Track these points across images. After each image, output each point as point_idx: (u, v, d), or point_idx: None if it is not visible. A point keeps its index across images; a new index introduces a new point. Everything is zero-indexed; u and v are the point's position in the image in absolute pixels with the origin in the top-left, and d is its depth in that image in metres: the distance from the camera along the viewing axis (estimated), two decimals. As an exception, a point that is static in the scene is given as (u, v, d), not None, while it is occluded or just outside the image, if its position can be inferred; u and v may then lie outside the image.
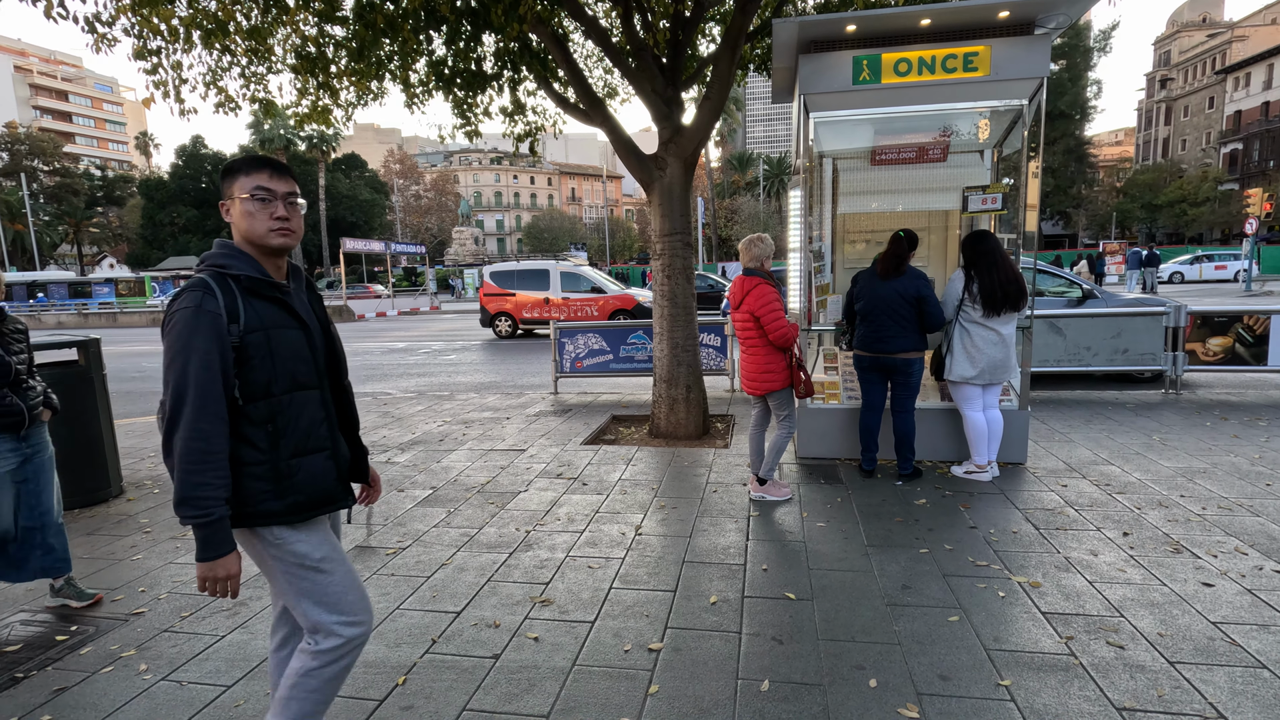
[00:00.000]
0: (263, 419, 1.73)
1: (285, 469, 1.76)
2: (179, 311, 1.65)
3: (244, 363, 1.71)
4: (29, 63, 79.13)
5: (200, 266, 1.77)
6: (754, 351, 4.22)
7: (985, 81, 4.47)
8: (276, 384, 1.75)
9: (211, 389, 1.64)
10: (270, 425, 1.74)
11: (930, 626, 2.78)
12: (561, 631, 2.86)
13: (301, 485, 1.78)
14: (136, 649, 2.84)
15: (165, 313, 1.69)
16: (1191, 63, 65.18)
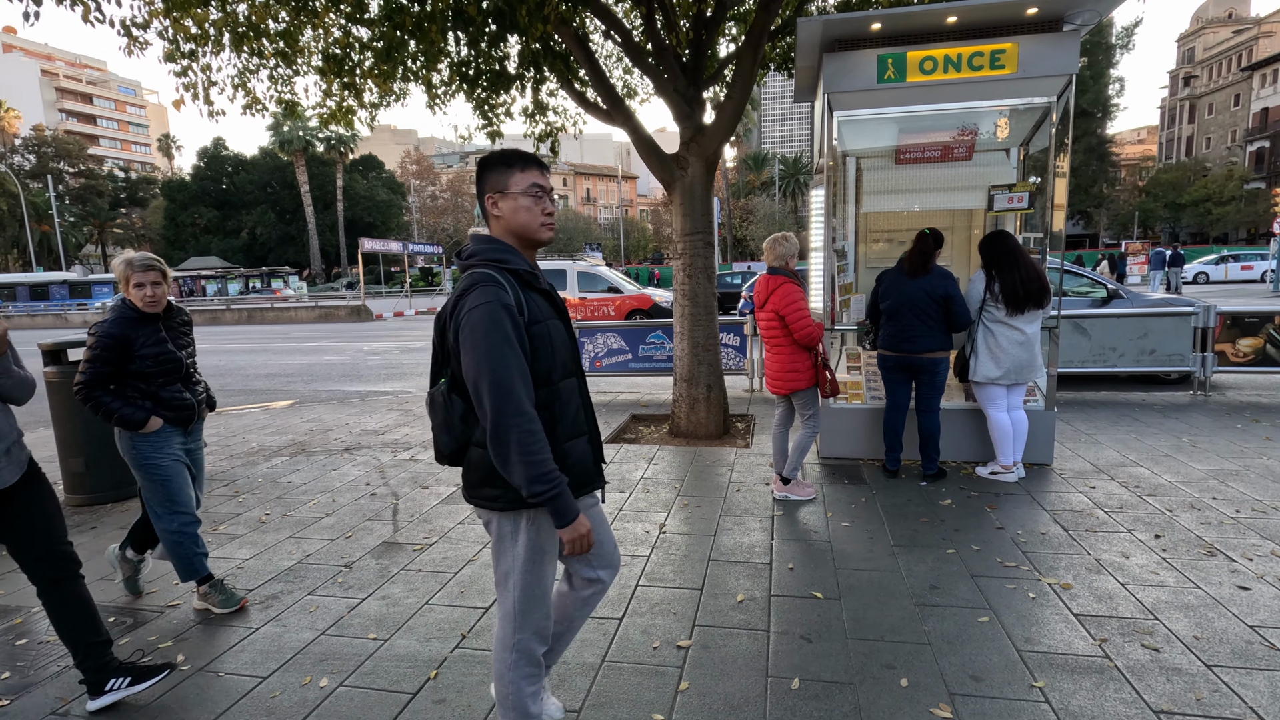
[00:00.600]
0: (543, 406, 1.78)
1: (559, 453, 1.81)
2: (481, 307, 1.66)
3: (531, 353, 1.75)
4: (55, 67, 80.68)
5: (474, 260, 1.78)
6: (779, 351, 4.21)
7: (1012, 79, 4.43)
8: (555, 372, 1.81)
9: (527, 376, 1.70)
10: (549, 412, 1.79)
11: (960, 627, 2.77)
12: (590, 628, 2.88)
13: (571, 468, 1.84)
14: (173, 640, 2.90)
15: (457, 309, 1.70)
16: (1216, 59, 64.07)
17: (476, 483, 1.82)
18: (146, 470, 3.00)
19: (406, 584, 3.35)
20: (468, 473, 1.84)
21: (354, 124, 6.40)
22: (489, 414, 1.66)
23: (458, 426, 1.80)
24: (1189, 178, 54.17)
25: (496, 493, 1.79)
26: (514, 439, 1.65)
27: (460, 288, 1.74)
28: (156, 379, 2.98)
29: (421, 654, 2.73)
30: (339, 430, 6.73)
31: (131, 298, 2.93)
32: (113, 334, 2.87)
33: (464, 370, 1.69)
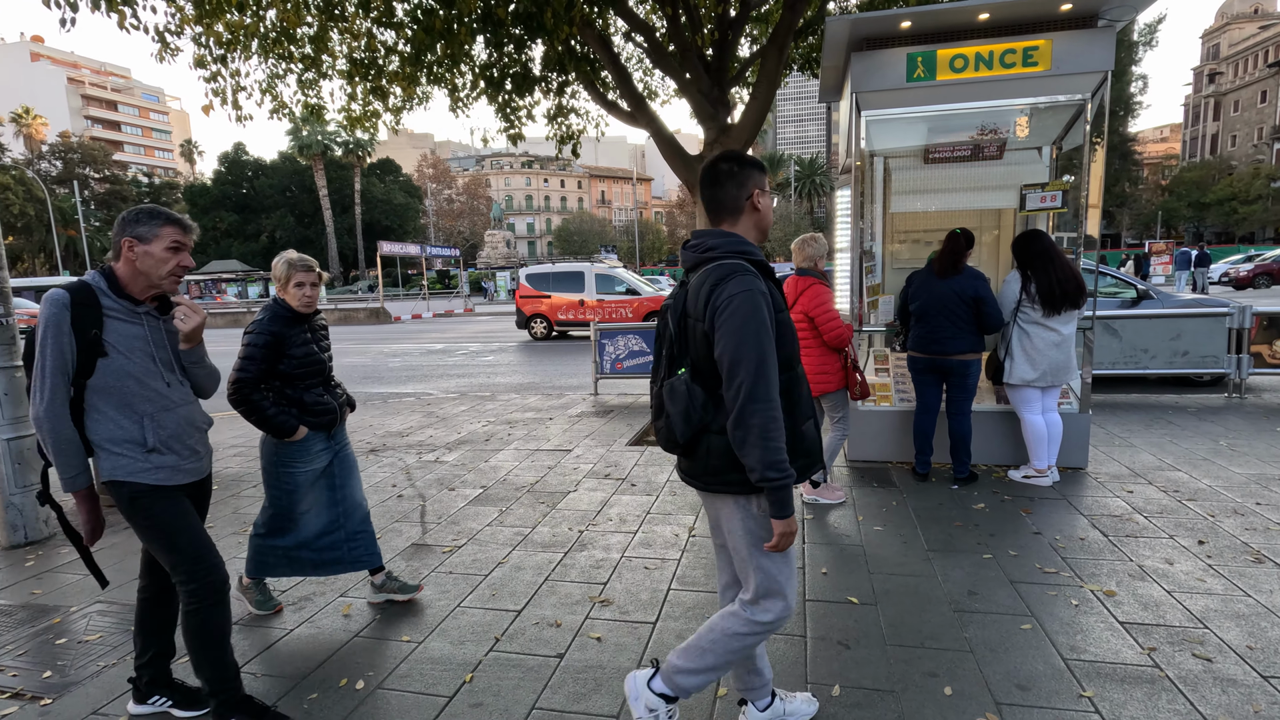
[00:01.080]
0: (785, 390, 1.83)
1: (797, 434, 1.86)
2: (743, 294, 1.73)
3: (776, 340, 1.80)
4: (81, 74, 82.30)
5: (718, 253, 1.84)
6: (808, 352, 4.16)
7: (1046, 76, 4.36)
8: (794, 359, 1.89)
9: (776, 364, 1.77)
10: (789, 396, 1.84)
11: (1002, 634, 2.71)
12: (624, 632, 2.86)
13: (807, 449, 1.90)
14: (209, 641, 2.91)
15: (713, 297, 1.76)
16: (1242, 56, 62.97)
17: (718, 469, 1.85)
18: (280, 478, 2.94)
19: (437, 586, 3.34)
20: (707, 459, 1.86)
21: (379, 127, 6.45)
22: (742, 395, 1.72)
23: (698, 415, 1.83)
24: (1214, 176, 53.26)
25: (740, 477, 1.82)
26: (759, 422, 1.71)
27: (712, 278, 1.78)
28: (302, 381, 2.89)
29: (456, 657, 2.72)
30: (363, 431, 6.77)
31: (288, 297, 2.86)
32: (272, 331, 2.78)
33: (719, 353, 1.75)
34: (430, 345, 16.48)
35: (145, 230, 2.08)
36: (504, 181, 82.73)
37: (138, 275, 2.10)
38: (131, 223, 2.08)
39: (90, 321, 2.02)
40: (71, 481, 2.07)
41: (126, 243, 2.08)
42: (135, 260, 2.08)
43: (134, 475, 2.11)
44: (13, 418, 4.08)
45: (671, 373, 1.90)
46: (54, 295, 2.00)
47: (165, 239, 2.09)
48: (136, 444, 2.11)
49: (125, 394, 2.09)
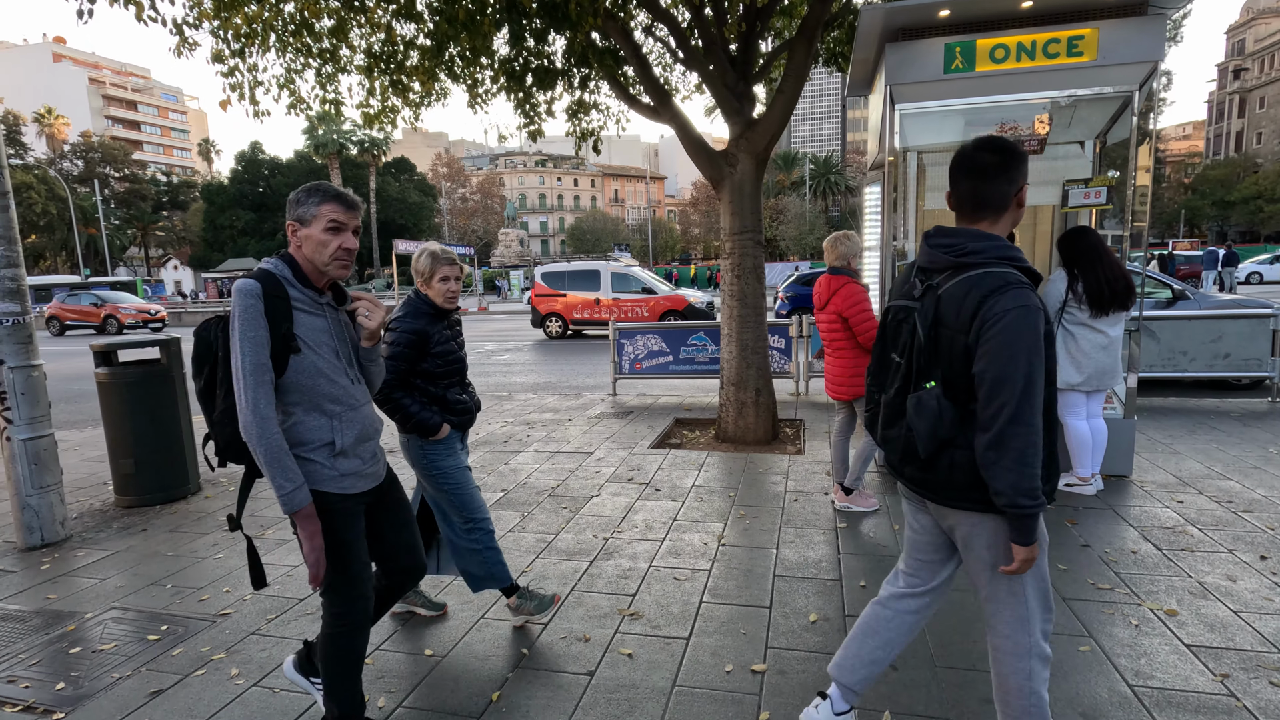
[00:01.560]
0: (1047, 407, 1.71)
1: (1050, 458, 1.74)
2: (1019, 310, 1.59)
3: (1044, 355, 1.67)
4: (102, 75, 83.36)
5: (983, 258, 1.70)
6: (841, 354, 4.01)
7: (1092, 67, 4.17)
8: (1054, 375, 1.76)
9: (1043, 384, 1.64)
10: (1048, 415, 1.72)
11: (1059, 656, 2.55)
12: (656, 648, 2.72)
13: (1055, 471, 1.77)
14: (226, 652, 2.81)
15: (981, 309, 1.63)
16: (1269, 51, 61.73)
17: (962, 486, 1.72)
18: (439, 479, 2.78)
19: (459, 595, 3.23)
20: (950, 474, 1.73)
21: (397, 123, 6.35)
22: (1003, 418, 1.59)
23: (945, 430, 1.70)
24: (1238, 174, 52.25)
25: (985, 495, 1.70)
26: (1018, 446, 1.59)
27: (982, 288, 1.64)
28: (443, 379, 2.74)
29: (481, 672, 2.60)
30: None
31: (432, 293, 2.69)
32: (416, 329, 2.64)
33: (982, 369, 1.63)
34: (445, 344, 16.42)
35: (304, 211, 1.89)
36: (518, 180, 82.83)
37: (306, 261, 1.92)
38: (294, 204, 1.91)
39: (281, 314, 1.82)
40: (291, 498, 1.81)
41: (290, 226, 1.92)
42: (300, 245, 1.91)
43: (322, 484, 1.91)
44: (30, 418, 4.01)
45: (917, 384, 1.75)
46: (246, 286, 1.80)
47: (323, 219, 1.88)
48: (325, 448, 1.92)
49: (315, 393, 1.90)
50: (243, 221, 54.24)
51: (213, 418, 1.92)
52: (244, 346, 1.78)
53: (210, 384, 1.93)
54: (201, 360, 1.93)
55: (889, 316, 1.89)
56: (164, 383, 4.72)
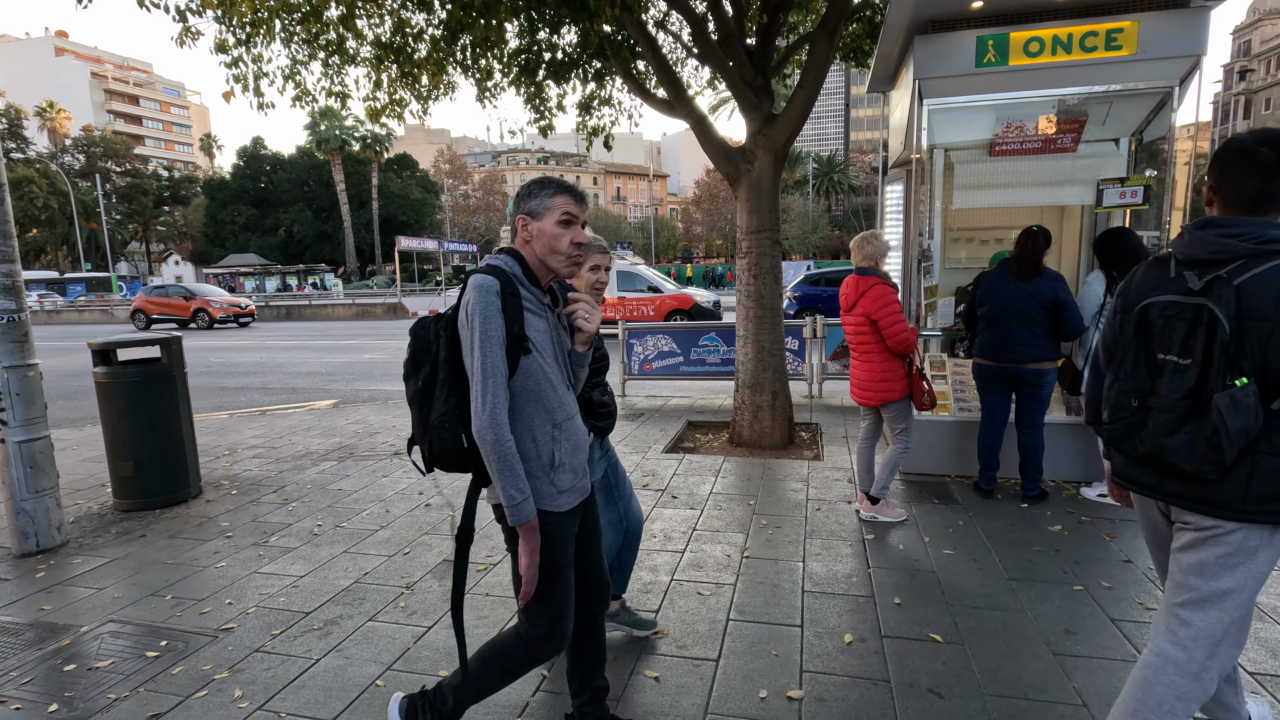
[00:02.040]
0: None
1: None
2: None
3: None
4: (104, 69, 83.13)
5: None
6: (868, 358, 3.86)
7: (1131, 61, 4.02)
8: None
9: None
10: None
11: (1115, 685, 2.40)
12: (684, 670, 2.57)
13: None
14: (229, 670, 2.66)
15: None
16: (1275, 52, 61.43)
17: (1267, 495, 1.57)
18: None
19: (474, 610, 3.08)
20: (1249, 483, 1.59)
21: (405, 117, 6.19)
22: None
23: (1254, 431, 1.56)
24: (1244, 176, 51.97)
25: None
26: None
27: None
28: (590, 377, 2.50)
29: (500, 697, 2.45)
30: (386, 433, 6.54)
31: (580, 282, 2.43)
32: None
33: None
34: (449, 342, 16.28)
35: (536, 204, 1.80)
36: (520, 177, 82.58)
37: (536, 258, 1.82)
38: (524, 197, 1.81)
39: (514, 313, 1.72)
40: (521, 509, 1.71)
41: (521, 221, 1.82)
42: (530, 241, 1.81)
43: (540, 501, 1.80)
44: (25, 419, 3.86)
45: (1220, 383, 1.60)
46: (486, 283, 1.69)
47: (556, 211, 1.78)
48: (546, 460, 1.80)
49: (543, 399, 1.79)
50: (244, 217, 54.07)
51: (430, 422, 1.77)
52: (484, 347, 1.67)
53: (428, 386, 1.79)
54: (419, 361, 1.80)
55: (1150, 314, 1.72)
56: (165, 382, 4.57)
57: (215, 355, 14.99)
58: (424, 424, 1.79)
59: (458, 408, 1.74)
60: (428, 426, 1.77)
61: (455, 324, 1.76)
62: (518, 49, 5.54)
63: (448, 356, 1.75)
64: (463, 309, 1.72)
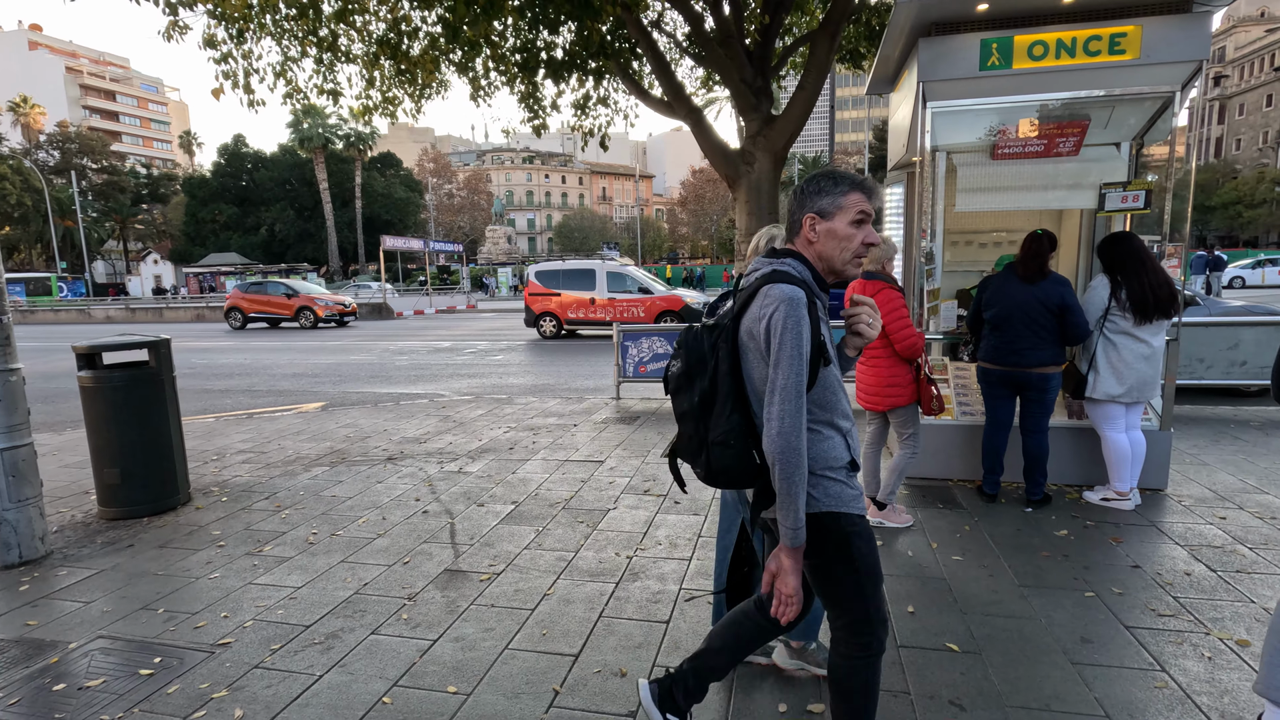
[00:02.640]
0: None
1: None
2: None
3: None
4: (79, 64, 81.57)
5: None
6: (876, 363, 3.83)
7: (1133, 66, 4.02)
8: None
9: None
10: None
11: (1136, 694, 2.37)
12: (700, 684, 2.51)
13: None
14: (228, 689, 2.56)
15: None
16: (1248, 59, 62.74)
17: None
18: None
19: (479, 622, 3.00)
20: None
21: (397, 115, 6.09)
22: None
23: None
24: (1218, 179, 53.01)
25: None
26: None
27: None
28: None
29: (512, 714, 2.38)
30: (377, 437, 6.42)
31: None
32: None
33: None
34: (437, 343, 16.11)
35: (828, 202, 1.70)
36: (505, 177, 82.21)
37: (819, 260, 1.74)
38: (812, 194, 1.72)
39: (815, 324, 1.64)
40: (800, 532, 1.64)
41: (809, 220, 1.73)
42: (815, 241, 1.72)
43: (847, 505, 1.72)
44: (7, 426, 3.72)
45: None
46: (795, 296, 1.60)
47: (850, 210, 1.69)
48: (846, 467, 1.73)
49: (837, 406, 1.73)
50: (225, 215, 53.27)
51: (711, 438, 1.70)
52: (795, 365, 1.59)
53: (707, 401, 1.71)
54: (694, 374, 1.73)
55: None
56: (153, 386, 4.43)
57: (198, 356, 14.72)
58: (700, 439, 1.73)
59: (742, 424, 1.67)
60: (705, 442, 1.71)
61: (734, 336, 1.69)
62: (515, 47, 5.46)
63: (729, 370, 1.69)
64: (762, 320, 1.62)
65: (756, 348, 1.65)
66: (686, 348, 1.75)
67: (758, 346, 1.65)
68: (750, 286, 1.70)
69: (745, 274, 1.82)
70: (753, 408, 1.70)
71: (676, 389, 1.77)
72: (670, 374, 1.80)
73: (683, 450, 1.81)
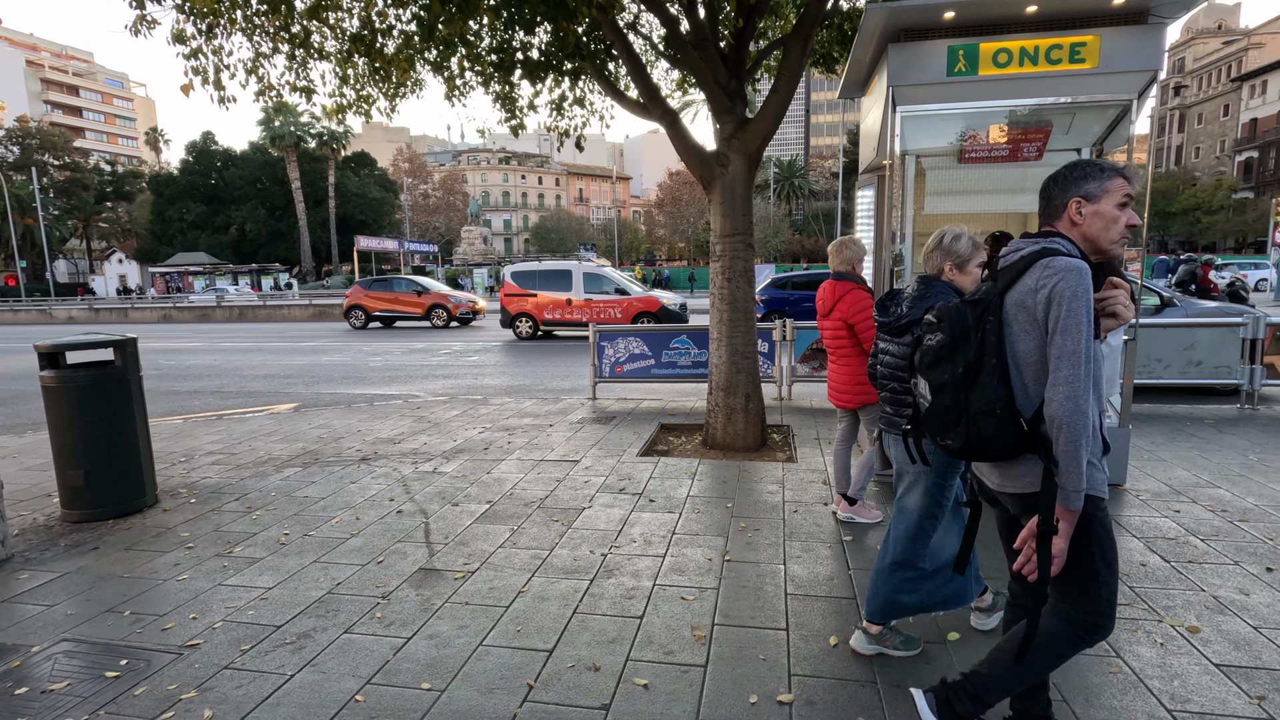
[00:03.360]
0: None
1: None
2: None
3: None
4: (40, 57, 79.30)
5: None
6: (846, 362, 3.90)
7: (1093, 74, 4.15)
8: None
9: None
10: None
11: (1092, 679, 2.46)
12: (672, 677, 2.55)
13: None
14: (197, 689, 2.54)
15: None
16: (1206, 70, 64.72)
17: None
18: (944, 486, 2.58)
19: (454, 619, 3.00)
20: None
21: (372, 114, 6.05)
22: None
23: None
24: (1178, 186, 54.61)
25: None
26: None
27: None
28: None
29: (486, 709, 2.39)
30: (351, 438, 6.36)
31: (964, 278, 2.52)
32: None
33: None
34: (411, 344, 15.97)
35: (1095, 186, 1.78)
36: (481, 177, 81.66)
37: (1084, 241, 1.81)
38: (1078, 180, 1.80)
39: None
40: (1081, 496, 1.68)
41: (1075, 203, 1.80)
42: (1080, 224, 1.80)
43: (1096, 488, 1.77)
44: (-35, 426, 3.63)
45: None
46: (1080, 266, 1.66)
47: (1116, 193, 1.78)
48: (1100, 445, 1.78)
49: (1099, 385, 1.77)
50: (194, 214, 52.11)
51: (973, 409, 1.76)
52: (1084, 329, 1.66)
53: (971, 372, 1.77)
54: (957, 346, 1.79)
55: None
56: (119, 386, 4.35)
57: (165, 358, 14.41)
58: (959, 411, 1.78)
59: (1008, 394, 1.74)
60: (965, 414, 1.77)
61: (1000, 309, 1.76)
62: (491, 47, 5.46)
63: (997, 342, 1.76)
64: (1040, 291, 1.69)
65: (1028, 319, 1.73)
66: (949, 321, 1.81)
67: (1030, 318, 1.72)
68: (1017, 263, 1.78)
69: (1002, 255, 1.89)
70: (1013, 380, 1.78)
71: (934, 361, 1.84)
72: (926, 347, 1.88)
73: (934, 423, 1.87)
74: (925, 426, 1.93)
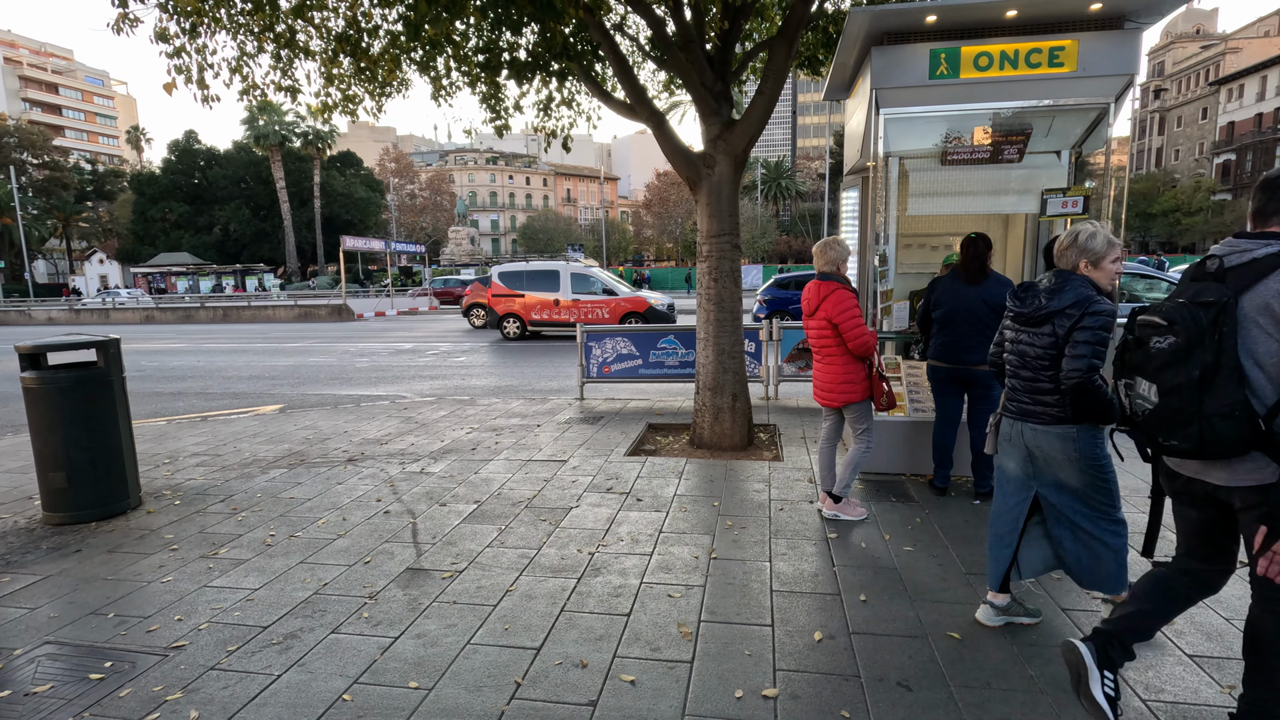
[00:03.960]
0: None
1: None
2: None
3: None
4: (19, 54, 78.03)
5: None
6: (831, 361, 3.95)
7: (1071, 78, 4.23)
8: None
9: None
10: None
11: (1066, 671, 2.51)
12: (659, 673, 2.58)
13: None
14: (182, 691, 2.53)
15: None
16: (1185, 74, 65.71)
17: None
18: (1103, 470, 2.59)
19: (442, 619, 3.01)
20: None
21: (358, 113, 6.03)
22: None
23: None
24: (1159, 188, 55.41)
25: None
26: None
27: None
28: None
29: (474, 707, 2.40)
30: (338, 439, 6.33)
31: (1101, 274, 2.52)
32: (1112, 313, 2.45)
33: None
34: (398, 344, 15.90)
35: None
36: (468, 177, 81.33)
37: None
38: None
39: None
40: None
41: None
42: None
43: None
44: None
45: None
46: None
47: None
48: None
49: None
50: (176, 214, 51.51)
51: (1208, 410, 1.79)
52: None
53: (1209, 374, 1.80)
54: (1193, 348, 1.81)
55: None
56: (101, 387, 4.31)
57: (148, 359, 14.25)
58: (1193, 411, 1.81)
59: (1244, 396, 1.77)
60: (1199, 415, 1.80)
61: (1233, 312, 1.78)
62: (478, 47, 5.46)
63: (1231, 345, 1.78)
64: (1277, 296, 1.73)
65: (1271, 322, 1.75)
66: (1185, 324, 1.83)
67: (1273, 321, 1.75)
68: (1255, 265, 1.81)
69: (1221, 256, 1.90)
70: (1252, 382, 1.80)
71: (1167, 363, 1.86)
72: (1154, 349, 1.89)
73: (1160, 424, 1.89)
74: (1148, 427, 1.96)
